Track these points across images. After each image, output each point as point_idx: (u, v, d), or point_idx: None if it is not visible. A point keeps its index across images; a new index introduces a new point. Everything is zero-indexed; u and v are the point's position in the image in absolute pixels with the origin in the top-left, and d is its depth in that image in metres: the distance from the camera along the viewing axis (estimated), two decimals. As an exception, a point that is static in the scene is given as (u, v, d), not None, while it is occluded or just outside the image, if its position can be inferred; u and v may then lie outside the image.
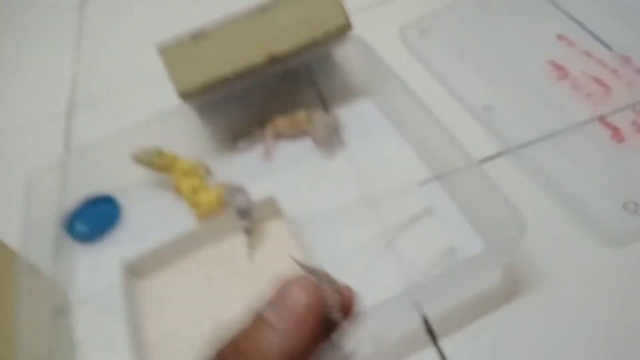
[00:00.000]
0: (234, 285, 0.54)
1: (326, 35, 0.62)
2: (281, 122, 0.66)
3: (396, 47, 0.75)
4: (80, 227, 0.63)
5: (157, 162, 0.61)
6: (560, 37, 0.69)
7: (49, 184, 0.68)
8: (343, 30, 0.62)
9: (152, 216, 0.63)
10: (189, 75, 0.61)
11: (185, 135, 0.71)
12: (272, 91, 0.71)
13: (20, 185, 0.61)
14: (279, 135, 0.67)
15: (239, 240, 0.56)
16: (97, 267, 0.60)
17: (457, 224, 0.54)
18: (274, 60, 0.62)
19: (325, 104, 0.70)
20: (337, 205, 0.58)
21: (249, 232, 0.55)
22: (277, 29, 0.61)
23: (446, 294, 0.48)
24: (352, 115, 0.67)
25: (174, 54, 0.61)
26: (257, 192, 0.56)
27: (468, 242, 0.52)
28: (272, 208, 0.57)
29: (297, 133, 0.66)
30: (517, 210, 0.44)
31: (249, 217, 0.54)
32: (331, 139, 0.64)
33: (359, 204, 0.58)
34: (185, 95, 0.62)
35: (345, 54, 0.70)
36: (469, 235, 0.52)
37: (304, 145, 0.66)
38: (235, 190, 0.55)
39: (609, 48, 0.67)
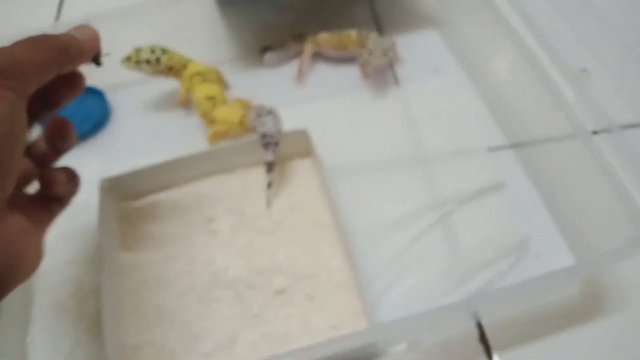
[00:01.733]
0: (240, 233, 0.42)
1: None
2: (326, 39, 0.52)
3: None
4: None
5: (165, 61, 0.47)
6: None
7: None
8: None
9: (149, 126, 0.50)
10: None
11: (198, 32, 0.57)
12: (317, -2, 0.57)
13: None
14: (318, 55, 0.54)
15: (256, 177, 0.45)
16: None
17: (532, 210, 0.42)
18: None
19: (379, 27, 0.57)
20: (382, 157, 0.46)
21: (271, 167, 0.43)
22: None
23: (510, 303, 0.37)
24: (412, 48, 0.54)
25: None
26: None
27: (543, 234, 0.41)
28: (303, 143, 0.45)
29: (342, 56, 0.53)
30: (642, 213, 0.33)
31: (275, 148, 0.42)
32: (385, 72, 0.52)
33: (409, 160, 0.46)
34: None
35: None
36: (546, 227, 0.41)
37: (348, 73, 0.53)
38: (264, 112, 0.43)
39: None
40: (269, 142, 0.42)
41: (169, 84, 0.50)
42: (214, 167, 0.45)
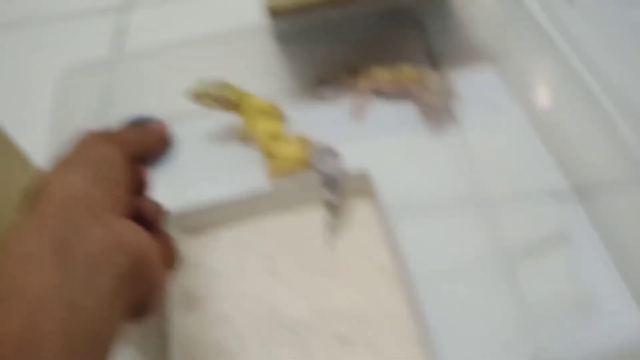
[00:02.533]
0: (301, 273, 0.42)
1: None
2: (382, 75, 0.52)
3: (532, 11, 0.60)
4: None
5: (229, 97, 0.48)
6: None
7: (85, 91, 0.56)
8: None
9: (209, 158, 0.51)
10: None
11: (256, 65, 0.57)
12: (369, 31, 0.58)
13: (50, 88, 0.48)
14: (376, 92, 0.54)
15: (317, 217, 0.45)
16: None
17: (598, 264, 0.41)
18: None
19: (434, 63, 0.57)
20: (439, 198, 0.46)
21: (334, 209, 0.43)
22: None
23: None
24: (468, 85, 0.54)
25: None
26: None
27: (610, 291, 0.40)
28: (363, 184, 0.45)
29: (398, 92, 0.53)
30: None
31: (338, 190, 0.42)
32: (443, 110, 0.51)
33: (467, 202, 0.46)
34: (277, 12, 0.49)
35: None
36: (614, 282, 0.40)
37: (406, 110, 0.53)
38: (326, 152, 0.43)
39: None
40: (330, 182, 0.42)
41: (229, 118, 0.51)
42: (275, 204, 0.45)
